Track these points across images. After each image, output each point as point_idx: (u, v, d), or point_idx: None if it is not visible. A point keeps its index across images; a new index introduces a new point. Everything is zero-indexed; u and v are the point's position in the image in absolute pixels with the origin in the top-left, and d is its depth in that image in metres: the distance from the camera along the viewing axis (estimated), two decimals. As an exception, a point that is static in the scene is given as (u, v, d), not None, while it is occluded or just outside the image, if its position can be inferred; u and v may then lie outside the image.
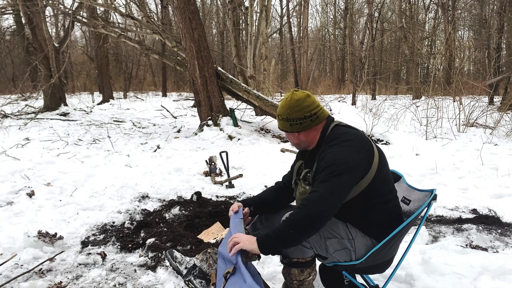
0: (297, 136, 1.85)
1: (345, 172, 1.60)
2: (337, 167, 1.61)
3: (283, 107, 1.83)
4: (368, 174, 1.69)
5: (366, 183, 1.69)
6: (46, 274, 2.42)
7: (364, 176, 1.68)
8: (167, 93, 22.69)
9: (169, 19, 16.77)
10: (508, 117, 7.62)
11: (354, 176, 1.64)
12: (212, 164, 4.80)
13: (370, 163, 1.70)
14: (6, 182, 3.96)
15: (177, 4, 7.19)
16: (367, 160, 1.70)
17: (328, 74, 30.93)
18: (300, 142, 1.87)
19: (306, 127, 1.81)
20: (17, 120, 8.77)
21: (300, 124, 1.80)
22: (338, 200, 1.59)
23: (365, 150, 1.71)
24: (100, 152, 5.95)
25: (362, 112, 8.10)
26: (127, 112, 12.06)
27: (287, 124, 1.83)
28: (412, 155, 5.46)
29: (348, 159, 1.63)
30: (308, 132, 1.83)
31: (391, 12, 24.69)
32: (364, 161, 1.69)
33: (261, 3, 11.51)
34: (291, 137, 1.88)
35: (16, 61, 21.61)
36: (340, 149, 1.68)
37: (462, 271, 2.26)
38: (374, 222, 1.76)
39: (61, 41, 11.26)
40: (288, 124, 1.82)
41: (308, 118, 1.79)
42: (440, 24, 21.29)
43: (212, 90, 7.67)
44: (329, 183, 1.59)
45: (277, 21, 27.83)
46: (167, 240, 2.81)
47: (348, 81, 22.76)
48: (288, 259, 1.71)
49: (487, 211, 3.42)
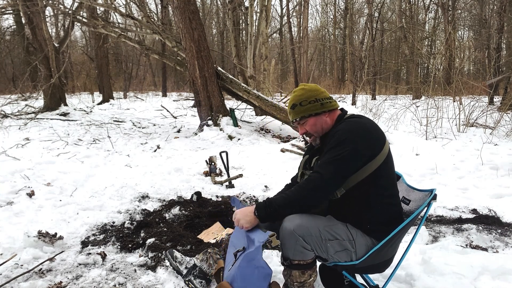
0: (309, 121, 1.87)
1: (353, 142, 1.66)
2: (346, 136, 1.67)
3: (297, 95, 1.90)
4: (378, 157, 1.71)
5: (374, 167, 1.70)
6: (46, 274, 2.42)
7: (373, 157, 1.70)
8: (167, 93, 22.70)
9: (169, 19, 16.77)
10: (508, 117, 7.61)
11: (362, 148, 1.67)
12: (212, 164, 4.80)
13: (381, 147, 1.73)
14: (6, 182, 3.96)
15: (177, 4, 7.19)
16: (377, 140, 1.73)
17: (328, 74, 30.93)
18: (312, 129, 1.88)
19: (321, 108, 1.85)
20: (17, 120, 8.77)
21: (316, 105, 1.84)
22: (343, 167, 1.64)
23: (376, 132, 1.75)
24: (100, 152, 5.95)
25: (362, 112, 8.11)
26: (127, 112, 12.06)
27: (297, 110, 1.88)
28: (412, 155, 5.46)
29: (358, 131, 1.69)
30: (317, 117, 1.86)
31: (391, 12, 24.71)
32: (374, 140, 1.72)
33: (261, 3, 11.50)
34: (309, 122, 1.88)
35: (16, 61, 21.63)
36: (349, 125, 1.74)
37: (462, 271, 2.26)
38: (375, 219, 1.76)
39: (61, 41, 11.26)
40: (297, 110, 1.87)
41: (322, 101, 1.85)
42: (440, 24, 21.31)
43: (212, 90, 7.66)
44: (336, 150, 1.65)
45: (277, 21, 27.83)
46: (167, 240, 2.80)
47: (348, 81, 22.77)
48: (289, 261, 1.70)
49: (487, 211, 3.42)
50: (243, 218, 1.72)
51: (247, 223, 1.71)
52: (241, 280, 1.61)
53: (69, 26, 10.43)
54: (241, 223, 1.72)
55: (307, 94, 1.87)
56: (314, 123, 1.87)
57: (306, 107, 1.86)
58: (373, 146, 1.71)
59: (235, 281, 1.63)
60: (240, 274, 1.61)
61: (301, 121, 1.91)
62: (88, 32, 23.24)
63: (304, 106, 1.86)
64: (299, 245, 1.66)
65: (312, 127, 1.88)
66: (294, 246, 1.66)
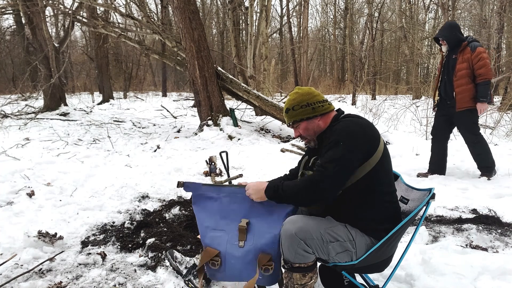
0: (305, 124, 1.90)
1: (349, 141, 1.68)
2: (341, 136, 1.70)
3: (293, 99, 1.92)
4: (374, 156, 1.72)
5: (370, 166, 1.71)
6: (46, 274, 2.42)
7: (369, 156, 1.71)
8: (167, 93, 22.70)
9: (169, 19, 16.76)
10: (508, 117, 7.62)
11: (358, 147, 1.69)
12: (212, 164, 4.80)
13: (376, 146, 1.74)
14: (6, 182, 3.96)
15: (177, 4, 7.19)
16: (372, 140, 1.74)
17: (328, 74, 30.90)
18: (304, 133, 1.92)
19: (317, 111, 1.87)
20: (17, 120, 8.77)
21: (312, 109, 1.87)
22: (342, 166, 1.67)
23: (371, 131, 1.77)
24: (100, 152, 5.95)
25: (362, 112, 8.12)
26: (127, 112, 12.06)
27: (290, 114, 1.91)
28: (412, 155, 5.46)
29: (353, 130, 1.72)
30: (309, 122, 1.89)
31: (391, 12, 24.68)
32: (369, 139, 1.74)
33: (261, 3, 11.51)
34: (302, 125, 1.92)
35: (16, 61, 21.64)
36: (344, 125, 1.76)
37: (462, 271, 2.26)
38: (372, 218, 1.76)
39: (61, 41, 11.26)
40: (297, 111, 1.89)
41: (319, 104, 1.88)
42: (440, 24, 21.29)
43: (212, 90, 7.66)
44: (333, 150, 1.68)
45: (277, 21, 27.82)
46: (167, 240, 2.81)
47: (348, 81, 22.77)
48: (290, 264, 1.70)
49: (487, 211, 3.42)
50: (254, 193, 1.85)
51: (257, 198, 1.85)
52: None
53: (69, 26, 10.43)
54: (252, 196, 1.86)
55: (299, 99, 1.90)
56: (306, 127, 1.91)
57: (297, 111, 1.89)
58: (369, 145, 1.72)
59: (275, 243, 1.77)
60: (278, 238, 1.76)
61: (294, 125, 1.95)
62: (88, 32, 23.23)
63: (296, 111, 1.89)
64: (300, 249, 1.66)
65: (304, 131, 1.92)
66: (296, 250, 1.66)
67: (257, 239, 1.79)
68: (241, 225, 1.83)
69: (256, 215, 1.86)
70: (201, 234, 1.91)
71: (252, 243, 1.79)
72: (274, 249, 1.77)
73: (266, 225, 1.82)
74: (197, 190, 1.96)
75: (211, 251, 1.83)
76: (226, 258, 1.81)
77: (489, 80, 4.05)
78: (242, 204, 1.89)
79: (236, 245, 1.81)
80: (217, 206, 1.92)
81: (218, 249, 1.83)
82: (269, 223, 1.81)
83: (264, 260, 1.75)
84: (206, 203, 1.94)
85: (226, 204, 1.91)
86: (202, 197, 1.95)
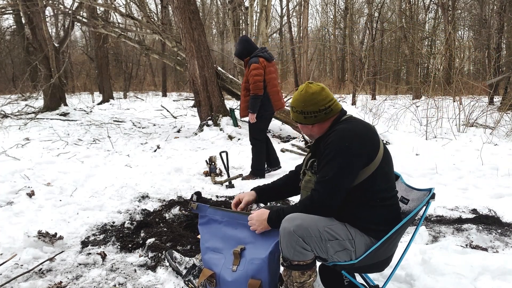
0: (310, 128, 1.91)
1: (347, 152, 1.69)
2: (339, 146, 1.70)
3: (297, 100, 1.88)
4: (374, 161, 1.72)
5: (371, 170, 1.72)
6: (46, 274, 2.42)
7: (370, 162, 1.72)
8: (167, 93, 22.67)
9: (169, 19, 16.75)
10: (508, 117, 7.61)
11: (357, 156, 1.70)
12: (212, 164, 4.80)
13: (376, 151, 1.74)
14: (6, 182, 3.96)
15: (177, 4, 7.19)
16: (372, 145, 1.74)
17: (328, 74, 30.90)
18: (313, 133, 1.94)
19: (320, 120, 1.86)
20: (17, 120, 8.77)
21: (314, 117, 1.85)
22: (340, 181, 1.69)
23: (371, 134, 1.76)
24: (100, 152, 5.95)
25: (362, 112, 8.10)
26: (127, 112, 12.06)
27: (301, 117, 1.89)
28: (412, 155, 5.46)
29: (352, 139, 1.71)
30: (321, 124, 1.88)
31: (391, 12, 24.66)
32: (369, 145, 1.74)
33: (261, 3, 11.50)
34: (305, 129, 1.95)
35: (16, 61, 21.61)
36: (343, 134, 1.75)
37: (462, 271, 2.26)
38: (372, 218, 1.77)
39: (61, 41, 11.26)
40: (302, 117, 1.88)
41: (323, 112, 1.84)
42: (440, 24, 21.28)
43: (212, 90, 7.66)
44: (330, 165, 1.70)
45: (277, 21, 27.81)
46: (167, 240, 2.81)
47: (348, 81, 22.75)
48: (289, 262, 1.71)
49: (487, 211, 3.42)
50: (258, 225, 1.84)
51: (261, 229, 1.85)
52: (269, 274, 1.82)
53: (69, 26, 10.44)
54: (256, 228, 1.86)
55: (313, 105, 1.83)
56: (319, 128, 1.91)
57: (310, 119, 1.86)
58: (367, 153, 1.72)
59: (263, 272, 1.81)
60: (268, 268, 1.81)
61: (304, 125, 1.95)
62: (88, 32, 23.23)
63: (308, 119, 1.86)
64: (298, 246, 1.66)
65: (314, 132, 1.93)
66: (294, 247, 1.66)
67: (247, 265, 1.83)
68: (235, 250, 1.87)
69: (252, 241, 1.89)
70: (201, 253, 2.00)
71: (243, 268, 1.83)
72: (264, 275, 1.79)
73: (256, 251, 1.84)
74: (204, 211, 2.05)
75: (206, 272, 1.91)
76: (220, 280, 1.88)
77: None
78: (242, 231, 1.93)
79: (230, 269, 1.86)
80: (220, 229, 1.98)
81: (213, 270, 1.89)
82: (258, 249, 1.84)
83: (254, 285, 1.77)
84: (211, 225, 2.01)
85: (228, 228, 1.97)
86: (207, 218, 2.03)
